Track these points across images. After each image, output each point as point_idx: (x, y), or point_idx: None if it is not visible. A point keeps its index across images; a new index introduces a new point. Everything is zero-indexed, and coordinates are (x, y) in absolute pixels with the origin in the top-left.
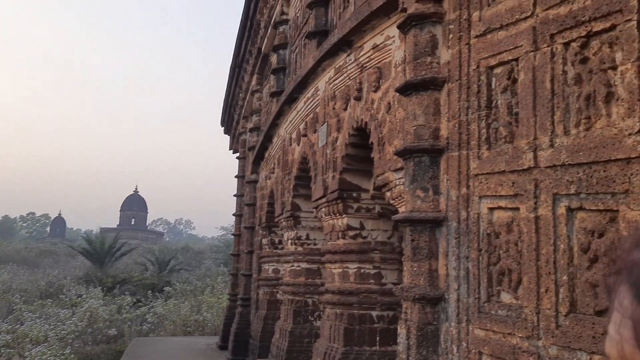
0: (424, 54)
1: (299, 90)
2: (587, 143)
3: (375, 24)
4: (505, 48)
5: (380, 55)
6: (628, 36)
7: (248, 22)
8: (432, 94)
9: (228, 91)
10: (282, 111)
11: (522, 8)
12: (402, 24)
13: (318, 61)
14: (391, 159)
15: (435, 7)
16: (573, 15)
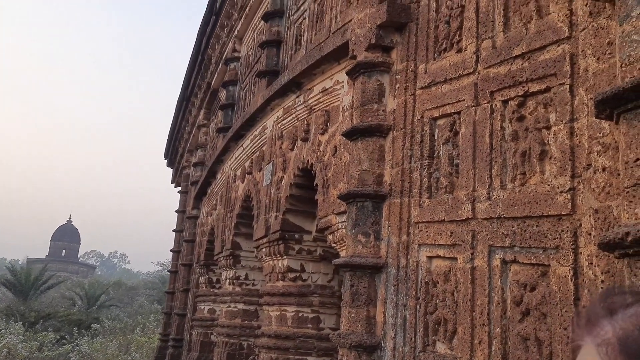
0: (371, 101)
1: (247, 127)
2: (521, 198)
3: (325, 68)
4: (448, 101)
5: (329, 98)
6: (561, 99)
7: (199, 56)
8: (377, 141)
9: (174, 124)
10: (228, 147)
11: (465, 65)
12: (351, 71)
13: (267, 100)
14: (335, 202)
15: (384, 57)
16: (512, 75)
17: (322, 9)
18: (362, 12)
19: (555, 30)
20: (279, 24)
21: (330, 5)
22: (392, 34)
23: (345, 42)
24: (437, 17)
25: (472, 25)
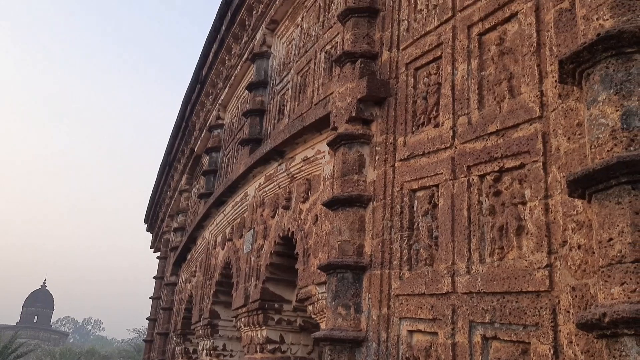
0: (352, 172)
1: (228, 193)
2: (500, 273)
3: (307, 138)
4: (426, 174)
5: (311, 167)
6: (535, 176)
7: (183, 123)
8: (357, 211)
9: (156, 188)
10: (209, 213)
11: (442, 139)
12: (332, 142)
13: (249, 167)
14: (315, 272)
15: (364, 129)
16: (487, 151)
17: (304, 81)
18: (343, 86)
19: (527, 110)
20: (262, 94)
21: (313, 78)
22: (372, 108)
23: (326, 114)
24: (415, 93)
25: (448, 102)
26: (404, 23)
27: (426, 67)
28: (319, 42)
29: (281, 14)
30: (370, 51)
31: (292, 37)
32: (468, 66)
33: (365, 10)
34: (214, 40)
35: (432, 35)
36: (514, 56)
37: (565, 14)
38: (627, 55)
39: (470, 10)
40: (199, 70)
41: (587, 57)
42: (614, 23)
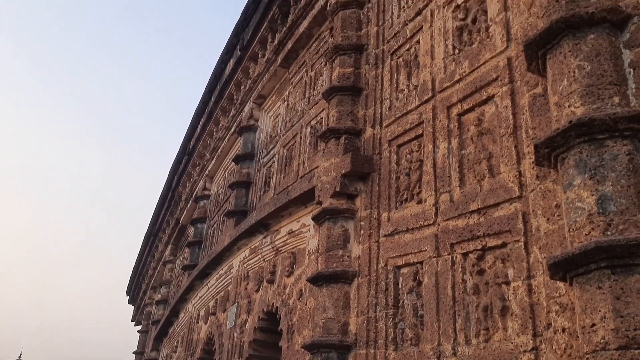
0: (336, 247)
1: (213, 266)
2: (486, 355)
3: (292, 211)
4: (411, 250)
5: (296, 241)
6: (517, 255)
7: (170, 193)
8: (342, 287)
9: (139, 259)
10: (193, 286)
11: (425, 216)
12: (317, 216)
13: (234, 240)
14: (299, 351)
15: (349, 204)
16: (470, 229)
17: (290, 155)
18: (328, 161)
19: (506, 190)
20: (249, 166)
21: (299, 151)
22: (356, 183)
23: (311, 188)
24: (398, 169)
25: (430, 179)
26: (386, 102)
27: (408, 145)
28: (305, 117)
29: (268, 89)
30: (354, 128)
31: (278, 111)
32: (449, 145)
33: (349, 89)
34: (203, 113)
35: (413, 114)
36: (492, 136)
37: (539, 99)
38: (599, 141)
39: (449, 92)
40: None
41: (561, 142)
42: (585, 110)
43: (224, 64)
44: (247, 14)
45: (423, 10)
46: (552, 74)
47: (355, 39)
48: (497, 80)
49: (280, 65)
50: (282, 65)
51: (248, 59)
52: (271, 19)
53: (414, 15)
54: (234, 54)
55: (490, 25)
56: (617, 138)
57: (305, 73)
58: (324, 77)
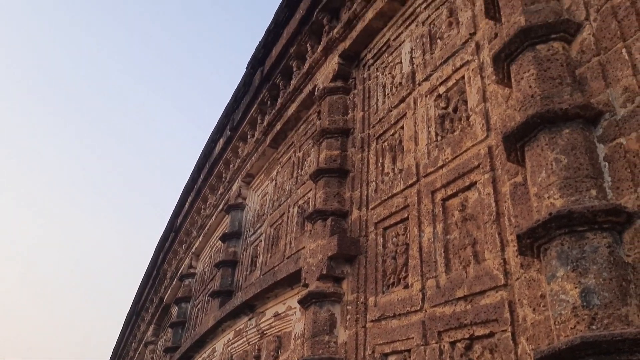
0: (322, 332)
1: (196, 348)
2: None
3: (278, 293)
4: (398, 337)
5: (282, 324)
6: (505, 346)
7: (155, 270)
8: None
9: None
10: None
11: (412, 301)
12: (303, 300)
13: (219, 321)
14: None
15: (335, 287)
16: (457, 316)
17: (277, 234)
18: (315, 243)
19: (492, 277)
20: (235, 244)
21: (285, 231)
22: (343, 265)
23: (298, 270)
24: (385, 252)
25: (416, 264)
26: (372, 184)
27: (394, 227)
28: (292, 196)
29: (257, 168)
30: (340, 209)
31: (266, 190)
32: (434, 229)
33: (336, 171)
34: (191, 190)
35: (398, 198)
36: (476, 222)
37: (520, 187)
38: (579, 233)
39: (433, 177)
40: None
41: (542, 233)
42: (564, 202)
43: (214, 143)
44: (238, 96)
45: (406, 98)
46: (531, 165)
47: (342, 123)
48: (478, 168)
49: (269, 146)
50: (271, 146)
51: (238, 139)
52: (261, 101)
53: (398, 102)
54: (224, 134)
55: (471, 115)
56: (597, 230)
57: (294, 153)
58: (312, 157)
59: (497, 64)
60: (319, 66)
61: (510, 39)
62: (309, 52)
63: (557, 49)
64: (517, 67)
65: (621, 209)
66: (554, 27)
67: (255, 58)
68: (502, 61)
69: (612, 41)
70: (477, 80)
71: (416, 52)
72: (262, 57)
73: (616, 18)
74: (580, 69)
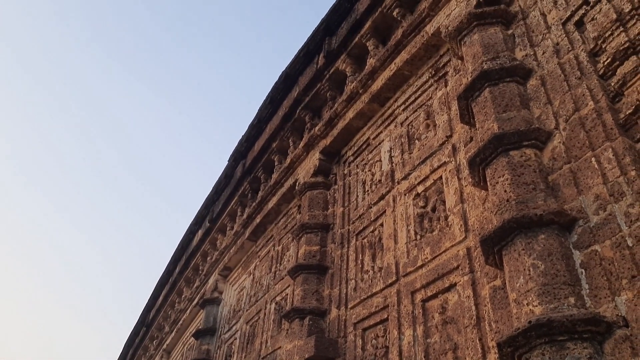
0: None
1: None
2: None
3: None
4: None
5: None
6: None
7: None
8: None
9: None
10: None
11: None
12: None
13: None
14: None
15: None
16: None
17: (253, 332)
18: (291, 343)
19: None
20: (209, 342)
21: (262, 329)
22: None
23: None
24: (364, 355)
25: None
26: (351, 282)
27: (374, 328)
28: (270, 292)
29: (235, 261)
30: (319, 308)
31: (244, 284)
32: (414, 332)
33: (315, 268)
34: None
35: (378, 297)
36: (456, 326)
37: (499, 291)
38: (560, 343)
39: (413, 277)
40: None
41: (523, 342)
42: (543, 310)
43: (192, 234)
44: (219, 188)
45: (386, 196)
46: (509, 269)
47: (322, 218)
48: (458, 269)
49: (248, 239)
50: (250, 239)
51: (216, 231)
52: (242, 193)
53: (378, 200)
54: (203, 225)
55: (449, 215)
56: (577, 340)
57: (273, 247)
58: (291, 252)
59: (472, 167)
60: (300, 161)
61: (485, 145)
62: (291, 147)
63: (529, 156)
64: (492, 172)
65: (600, 319)
66: (526, 135)
67: (238, 151)
68: (477, 165)
69: (582, 150)
70: (454, 181)
71: (395, 151)
72: (245, 151)
73: (584, 128)
74: (552, 175)
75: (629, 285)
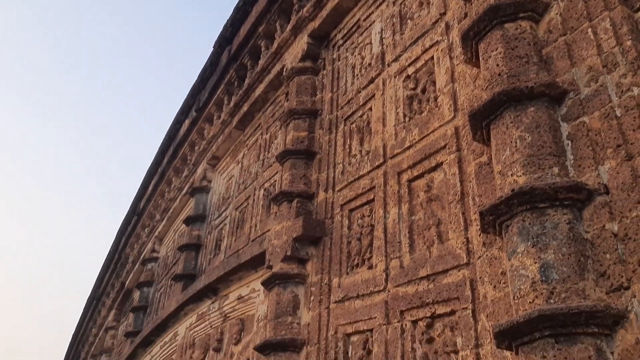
0: (286, 314)
1: (158, 332)
2: None
3: (242, 275)
4: (361, 317)
5: (245, 306)
6: (466, 323)
7: (116, 255)
8: (290, 356)
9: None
10: (136, 354)
11: (375, 282)
12: (266, 281)
13: (181, 305)
14: None
15: (299, 268)
16: (419, 295)
17: (242, 217)
18: (280, 225)
19: (455, 256)
20: (200, 228)
21: (251, 214)
22: (307, 247)
23: (262, 252)
24: (350, 234)
25: (381, 244)
26: (339, 166)
27: (360, 209)
28: (259, 179)
29: (223, 150)
30: (306, 191)
31: (232, 173)
32: (399, 210)
33: (303, 153)
34: (155, 172)
35: (365, 179)
36: (441, 203)
37: (485, 167)
38: (540, 210)
39: (400, 158)
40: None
41: (505, 210)
42: (527, 179)
43: (178, 124)
44: (204, 76)
45: (375, 79)
46: (496, 143)
47: (310, 104)
48: (445, 148)
49: (235, 127)
50: (238, 127)
51: (203, 120)
52: (228, 81)
53: (367, 84)
54: (190, 115)
55: (439, 95)
56: (558, 207)
57: (260, 136)
58: (279, 140)
59: (465, 42)
60: (287, 46)
61: (479, 17)
62: (278, 32)
63: (525, 28)
64: (485, 46)
65: (582, 186)
66: (523, 6)
67: (223, 37)
68: (470, 39)
69: (579, 21)
70: (445, 60)
71: (386, 33)
72: (230, 36)
73: None
74: (547, 49)
75: (613, 155)
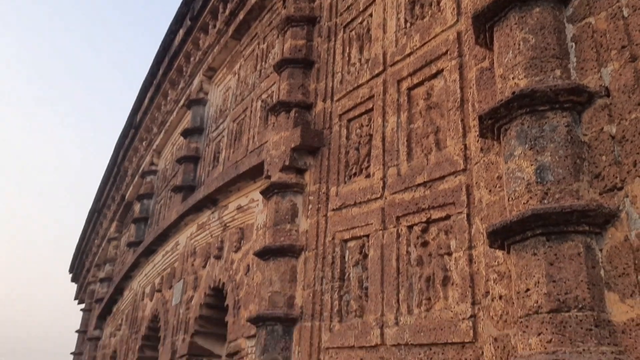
0: (284, 221)
1: (159, 242)
2: (427, 324)
3: (241, 186)
4: (358, 224)
5: (244, 216)
6: (460, 227)
7: (115, 168)
8: (289, 261)
9: (83, 236)
10: (138, 263)
11: (373, 189)
12: (265, 191)
13: (181, 215)
14: (245, 325)
15: (298, 178)
16: (415, 202)
17: (240, 129)
18: (278, 135)
19: (452, 163)
20: (197, 140)
21: (249, 126)
22: (305, 157)
23: (261, 162)
24: (348, 144)
25: (379, 153)
26: (338, 75)
27: (358, 119)
28: (256, 90)
29: (219, 61)
30: (304, 101)
31: (229, 84)
32: (398, 119)
33: (301, 62)
34: (150, 85)
35: (364, 88)
36: (440, 111)
37: (486, 72)
38: (540, 112)
39: (400, 66)
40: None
41: (504, 113)
42: (528, 82)
43: (173, 34)
44: None
45: None
46: (499, 46)
47: (308, 10)
48: (446, 54)
49: (231, 37)
50: (234, 37)
51: (198, 30)
52: None
53: None
54: (184, 24)
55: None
56: (558, 110)
57: (257, 45)
58: (276, 49)
59: None
60: None
61: None
62: None
63: None
64: None
65: (583, 89)
66: None
67: None
68: None
69: None
70: None
71: None
72: None
73: None
74: None
75: (617, 56)
